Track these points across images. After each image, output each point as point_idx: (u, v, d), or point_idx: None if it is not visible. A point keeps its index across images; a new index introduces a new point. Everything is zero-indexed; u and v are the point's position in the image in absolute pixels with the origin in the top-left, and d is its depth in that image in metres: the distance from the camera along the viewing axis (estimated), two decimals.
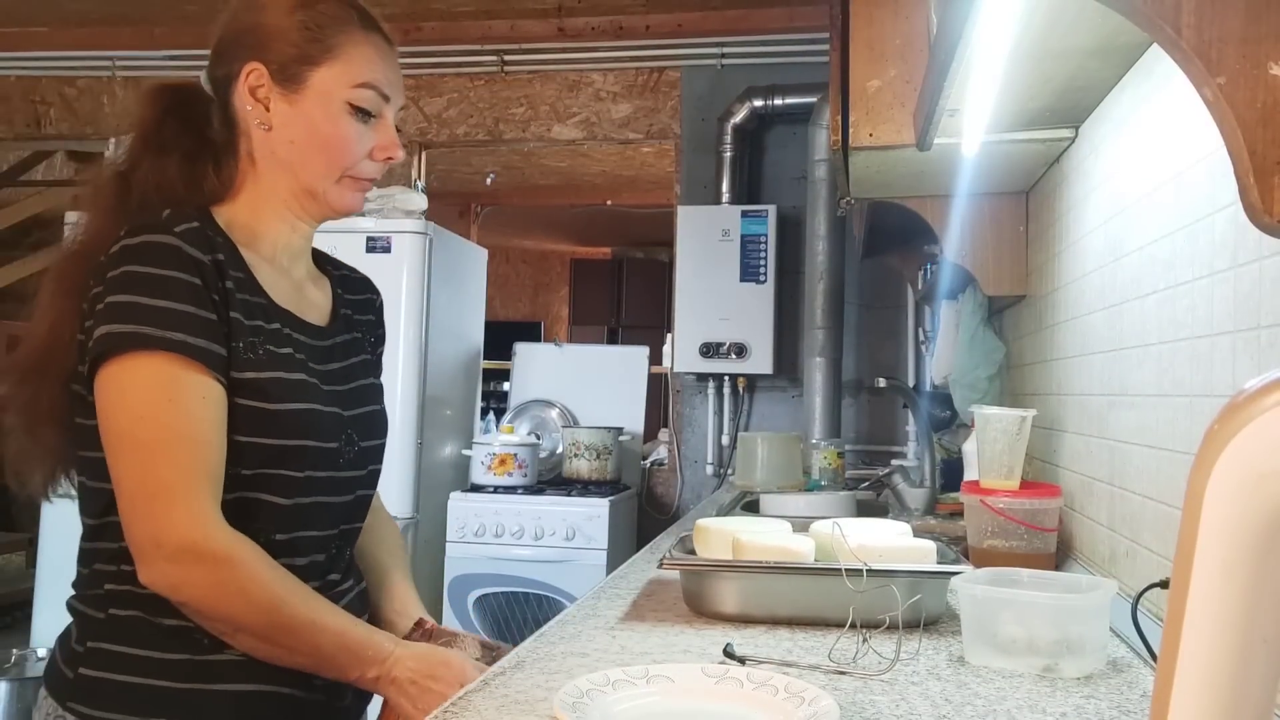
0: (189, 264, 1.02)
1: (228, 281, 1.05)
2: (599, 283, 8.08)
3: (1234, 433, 0.42)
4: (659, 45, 3.87)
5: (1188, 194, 1.14)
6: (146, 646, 1.03)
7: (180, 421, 0.99)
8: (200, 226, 1.05)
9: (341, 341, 1.21)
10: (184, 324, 1.00)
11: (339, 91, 1.12)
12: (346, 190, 1.16)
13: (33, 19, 4.08)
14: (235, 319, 1.05)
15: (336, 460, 1.13)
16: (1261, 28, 0.69)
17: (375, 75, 1.14)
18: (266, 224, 1.16)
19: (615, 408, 3.99)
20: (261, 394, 1.05)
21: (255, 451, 1.05)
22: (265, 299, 1.11)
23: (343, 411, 1.15)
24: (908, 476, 2.48)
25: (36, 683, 3.55)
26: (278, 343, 1.09)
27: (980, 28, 1.05)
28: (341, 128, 1.13)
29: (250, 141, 1.14)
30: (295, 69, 1.12)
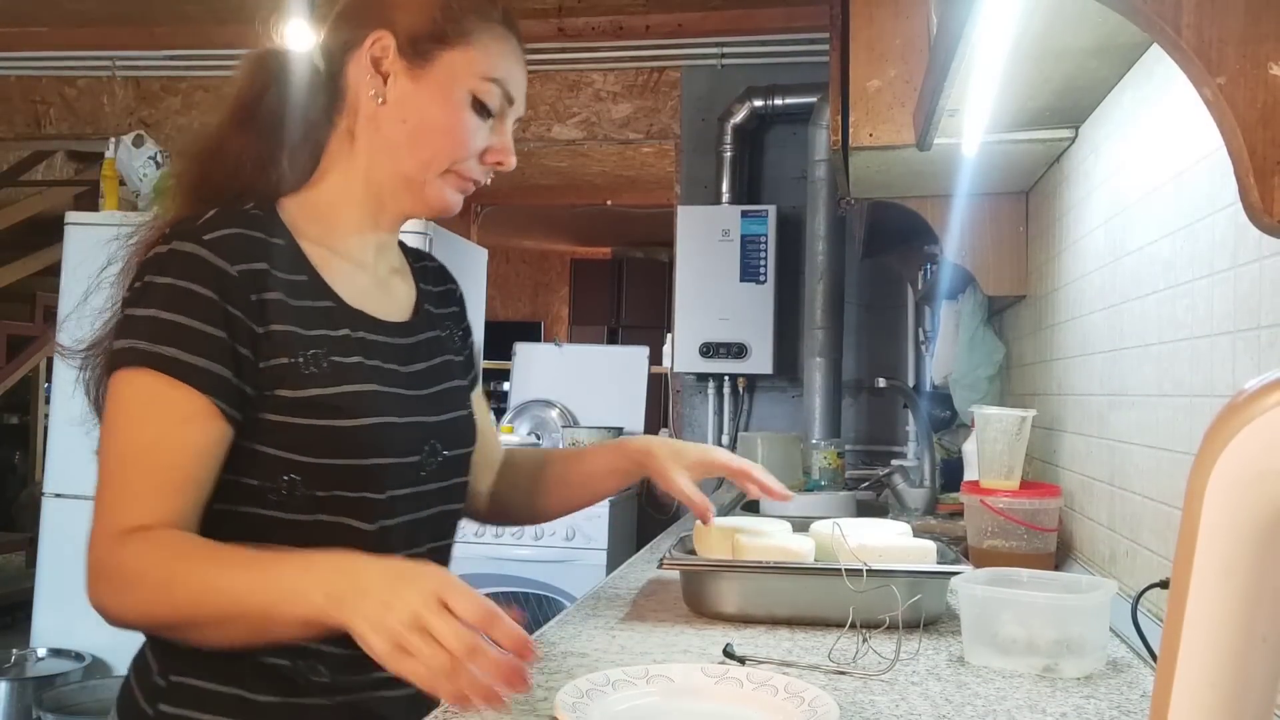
0: (208, 276, 0.93)
1: (271, 292, 0.96)
2: (599, 283, 8.08)
3: (1234, 433, 0.42)
4: (659, 45, 3.87)
5: (1188, 194, 1.14)
6: (237, 685, 0.96)
7: (143, 438, 0.91)
8: (240, 233, 0.97)
9: (425, 340, 1.12)
10: (182, 340, 0.92)
11: (465, 79, 1.04)
12: (448, 186, 1.07)
13: (33, 19, 4.09)
14: (285, 332, 0.96)
15: (417, 475, 1.04)
16: (1261, 28, 0.69)
17: (505, 73, 1.07)
18: (350, 212, 1.07)
19: (615, 408, 3.99)
20: (328, 412, 0.96)
21: (327, 474, 0.97)
22: (333, 301, 1.02)
23: (426, 419, 1.06)
24: (908, 476, 2.48)
25: (36, 683, 3.55)
26: (345, 351, 1.00)
27: (980, 28, 1.06)
28: (459, 117, 1.04)
29: (356, 118, 1.05)
30: (426, 45, 1.04)
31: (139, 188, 3.69)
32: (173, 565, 0.88)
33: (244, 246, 0.97)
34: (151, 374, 0.91)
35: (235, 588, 0.86)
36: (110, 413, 0.93)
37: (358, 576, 0.84)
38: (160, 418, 0.91)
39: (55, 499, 3.48)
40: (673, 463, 1.23)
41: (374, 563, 0.86)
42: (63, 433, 3.53)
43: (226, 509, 0.96)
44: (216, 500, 0.95)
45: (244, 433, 0.95)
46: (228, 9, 3.73)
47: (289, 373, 0.96)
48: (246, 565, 0.88)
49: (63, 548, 3.43)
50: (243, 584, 0.86)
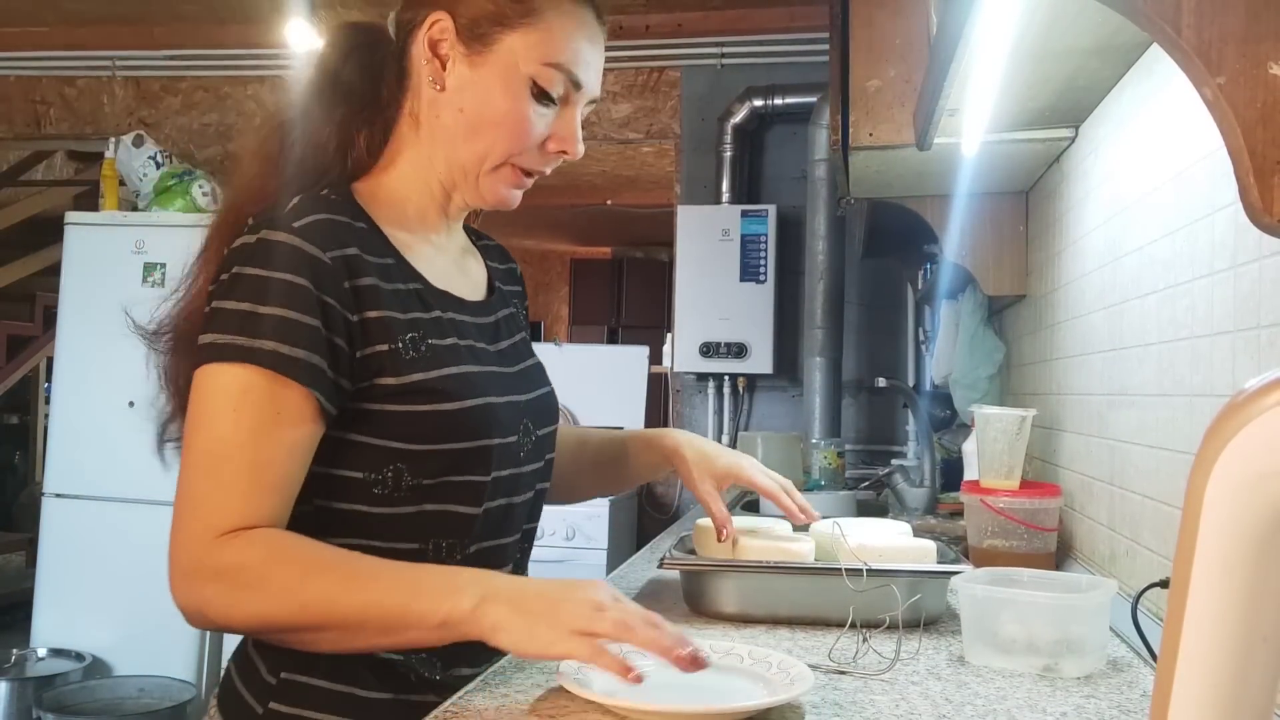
0: (302, 264, 0.90)
1: (367, 277, 0.93)
2: (599, 283, 8.08)
3: (1234, 433, 0.42)
4: (659, 45, 3.87)
5: (1188, 194, 1.14)
6: (347, 682, 0.94)
7: (237, 434, 0.87)
8: (328, 218, 0.93)
9: (504, 317, 1.10)
10: (279, 332, 0.88)
11: (526, 65, 0.98)
12: (503, 181, 1.03)
13: (33, 19, 4.09)
14: (386, 318, 0.94)
15: (517, 455, 1.03)
16: (1261, 28, 0.69)
17: (570, 56, 1.00)
18: (418, 200, 1.04)
19: (615, 407, 3.99)
20: (431, 396, 0.94)
21: (434, 460, 0.95)
22: (421, 283, 1.00)
23: (519, 398, 1.05)
24: (908, 476, 2.48)
25: (36, 683, 3.55)
26: (440, 333, 0.98)
27: (980, 28, 1.05)
28: (519, 106, 0.99)
29: (419, 101, 1.02)
30: (486, 28, 0.98)
31: (139, 188, 3.69)
32: (299, 568, 0.86)
33: (334, 232, 0.93)
34: (248, 368, 0.88)
35: (370, 592, 0.85)
36: (200, 408, 0.89)
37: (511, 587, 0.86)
38: (256, 413, 0.88)
39: (55, 499, 3.48)
40: (700, 470, 1.25)
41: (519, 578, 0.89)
42: (63, 433, 3.53)
43: (324, 505, 0.94)
44: (316, 497, 0.94)
45: (342, 424, 0.93)
46: (228, 9, 3.73)
47: (389, 359, 0.93)
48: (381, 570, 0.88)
49: (63, 548, 3.43)
50: (378, 588, 0.86)
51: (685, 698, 0.88)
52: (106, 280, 3.49)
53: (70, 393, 3.54)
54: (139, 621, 3.28)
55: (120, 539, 3.36)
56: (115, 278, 3.47)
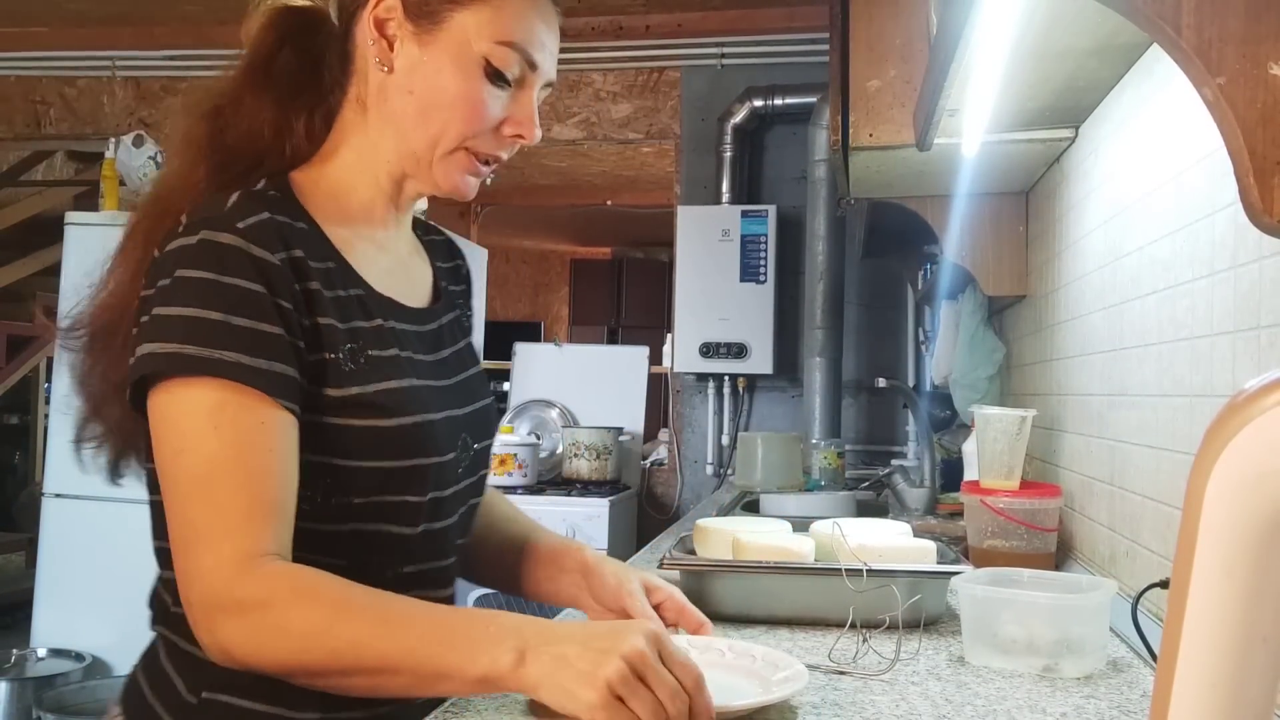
0: (251, 268, 0.84)
1: (311, 281, 0.89)
2: (599, 283, 8.08)
3: (1234, 433, 0.42)
4: (659, 45, 3.87)
5: (1187, 194, 1.14)
6: (276, 702, 0.88)
7: (225, 451, 0.81)
8: (271, 217, 0.88)
9: (447, 323, 1.04)
10: (239, 341, 0.83)
11: (479, 43, 0.93)
12: (456, 167, 0.96)
13: (33, 19, 4.09)
14: (327, 325, 0.89)
15: (456, 472, 0.97)
16: (1261, 28, 0.69)
17: (525, 35, 0.95)
18: (365, 191, 0.98)
19: (615, 408, 3.99)
20: (367, 411, 0.89)
21: (366, 478, 0.89)
22: (363, 289, 0.94)
23: (458, 412, 0.99)
24: (908, 476, 2.48)
25: (36, 683, 3.54)
26: (381, 344, 0.93)
27: (980, 28, 1.06)
28: (472, 87, 0.93)
29: (365, 85, 0.96)
30: (436, 5, 0.93)
31: (139, 188, 3.69)
32: (328, 610, 0.80)
33: (278, 232, 0.88)
34: (213, 382, 0.82)
35: (407, 639, 0.79)
36: (175, 430, 0.83)
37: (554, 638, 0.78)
38: (234, 425, 0.82)
39: (55, 499, 3.48)
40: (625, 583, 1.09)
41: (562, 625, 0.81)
42: (63, 433, 3.52)
43: None
44: None
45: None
46: (228, 9, 3.72)
47: (330, 369, 0.88)
48: (419, 615, 0.81)
49: (63, 548, 3.43)
50: (414, 635, 0.79)
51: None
52: None
53: (70, 393, 3.53)
54: (139, 621, 3.25)
55: (120, 539, 3.35)
56: None
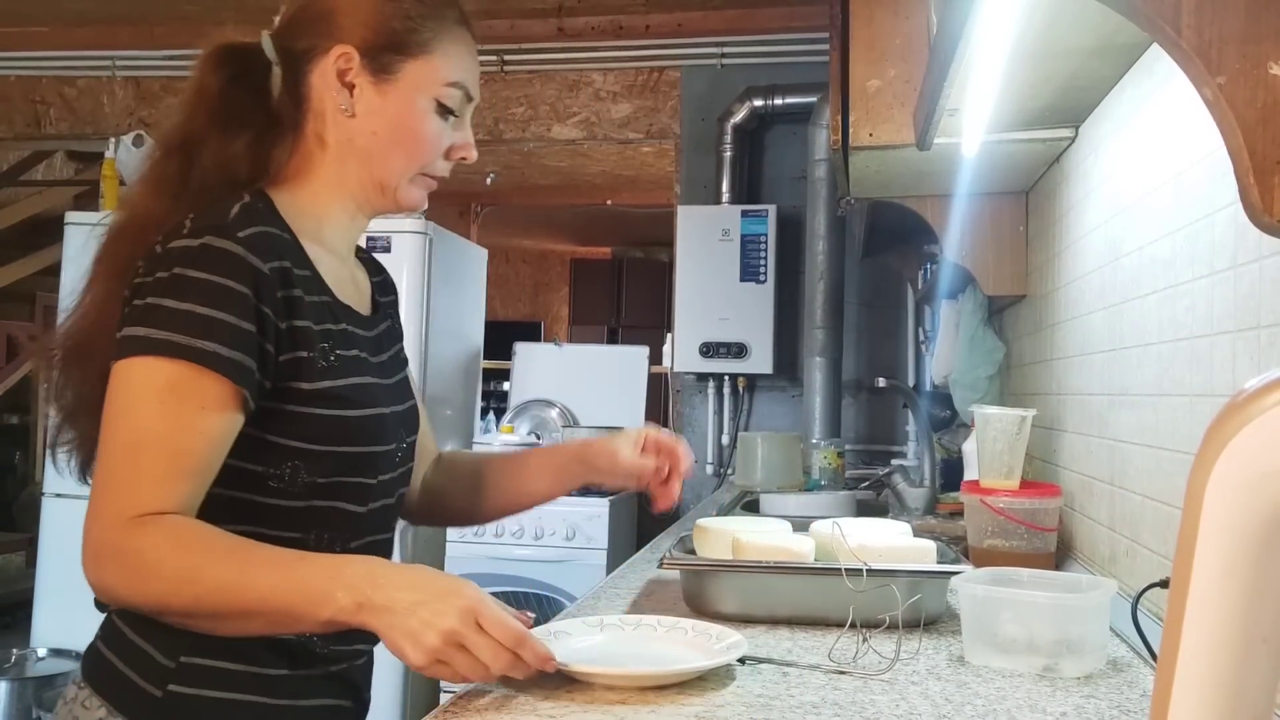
0: (246, 274, 0.95)
1: (295, 288, 1.00)
2: (599, 283, 8.08)
3: (1234, 433, 0.42)
4: (659, 45, 3.87)
5: (1188, 194, 1.14)
6: (249, 660, 0.99)
7: (160, 424, 0.92)
8: (265, 230, 0.99)
9: (384, 330, 1.18)
10: (222, 334, 0.93)
11: (430, 88, 1.09)
12: (416, 188, 1.13)
13: (33, 19, 4.08)
14: (305, 327, 1.00)
15: (394, 461, 1.11)
16: (1261, 28, 0.69)
17: (465, 74, 1.12)
18: (331, 213, 1.10)
19: (615, 408, 3.99)
20: (337, 403, 1.01)
21: (331, 461, 1.02)
22: (330, 296, 1.06)
23: (398, 408, 1.13)
24: (908, 476, 2.48)
25: (37, 683, 3.54)
26: (346, 344, 1.05)
27: (980, 27, 1.06)
28: (427, 125, 1.10)
29: (323, 124, 1.08)
30: (389, 58, 1.07)
31: None
32: (196, 558, 0.90)
33: (271, 244, 0.99)
34: (182, 364, 0.92)
35: (260, 586, 0.90)
36: (122, 397, 0.93)
37: (390, 589, 0.90)
38: (179, 403, 0.92)
39: (55, 499, 3.47)
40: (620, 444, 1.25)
41: (403, 573, 0.92)
42: None
43: (219, 493, 0.98)
44: (215, 484, 0.97)
45: (256, 422, 0.98)
46: (227, 9, 3.72)
47: (306, 366, 1.00)
48: (273, 564, 0.92)
49: (63, 548, 3.42)
50: (268, 583, 0.91)
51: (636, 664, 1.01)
52: None
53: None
54: None
55: None
56: None
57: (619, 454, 1.24)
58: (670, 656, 1.04)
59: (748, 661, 1.05)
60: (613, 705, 0.92)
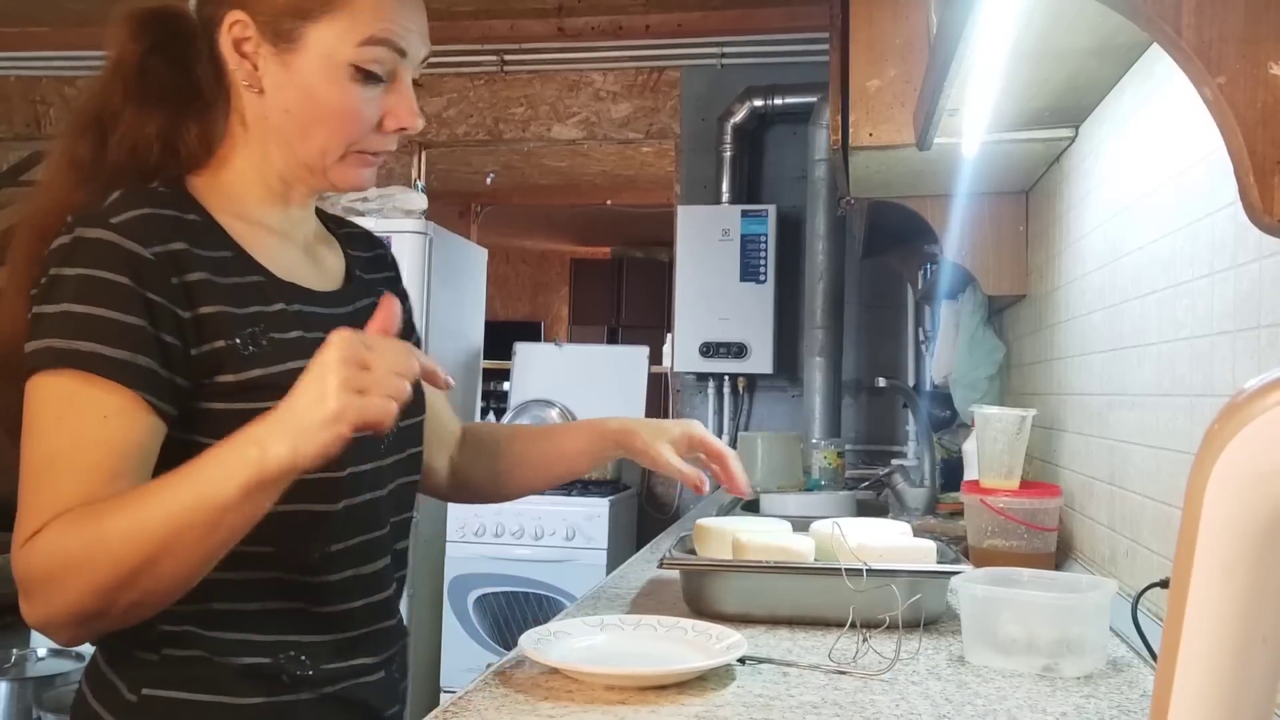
0: (120, 262, 0.85)
1: (195, 272, 0.89)
2: (599, 283, 8.08)
3: (1234, 433, 0.42)
4: (659, 45, 3.87)
5: (1188, 194, 1.14)
6: (213, 691, 0.89)
7: (61, 442, 0.83)
8: (150, 213, 0.88)
9: (363, 307, 1.04)
10: (100, 333, 0.84)
11: (342, 51, 0.92)
12: (351, 167, 0.98)
13: (33, 19, 4.09)
14: (216, 313, 0.89)
15: (378, 448, 0.99)
16: (1261, 28, 0.69)
17: (387, 26, 0.94)
18: (259, 193, 0.99)
19: (615, 407, 3.99)
20: (273, 392, 0.85)
21: None
22: (263, 275, 0.95)
23: None
24: (908, 476, 2.48)
25: (36, 683, 3.54)
26: (282, 327, 0.93)
27: (980, 28, 1.05)
28: (347, 96, 0.94)
29: (240, 101, 0.96)
30: (289, 23, 0.92)
31: None
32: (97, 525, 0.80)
33: (158, 227, 0.88)
34: (69, 374, 0.83)
35: (168, 503, 0.80)
36: (29, 421, 0.84)
37: (280, 411, 0.79)
38: (78, 417, 0.83)
39: None
40: (656, 440, 1.16)
41: (286, 405, 0.80)
42: None
43: None
44: None
45: (182, 425, 0.88)
46: None
47: (227, 356, 0.89)
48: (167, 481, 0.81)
49: None
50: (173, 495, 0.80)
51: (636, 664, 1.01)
52: None
53: None
54: None
55: None
56: None
57: (659, 459, 1.14)
58: (670, 656, 1.04)
59: (748, 661, 1.05)
60: (613, 705, 0.92)
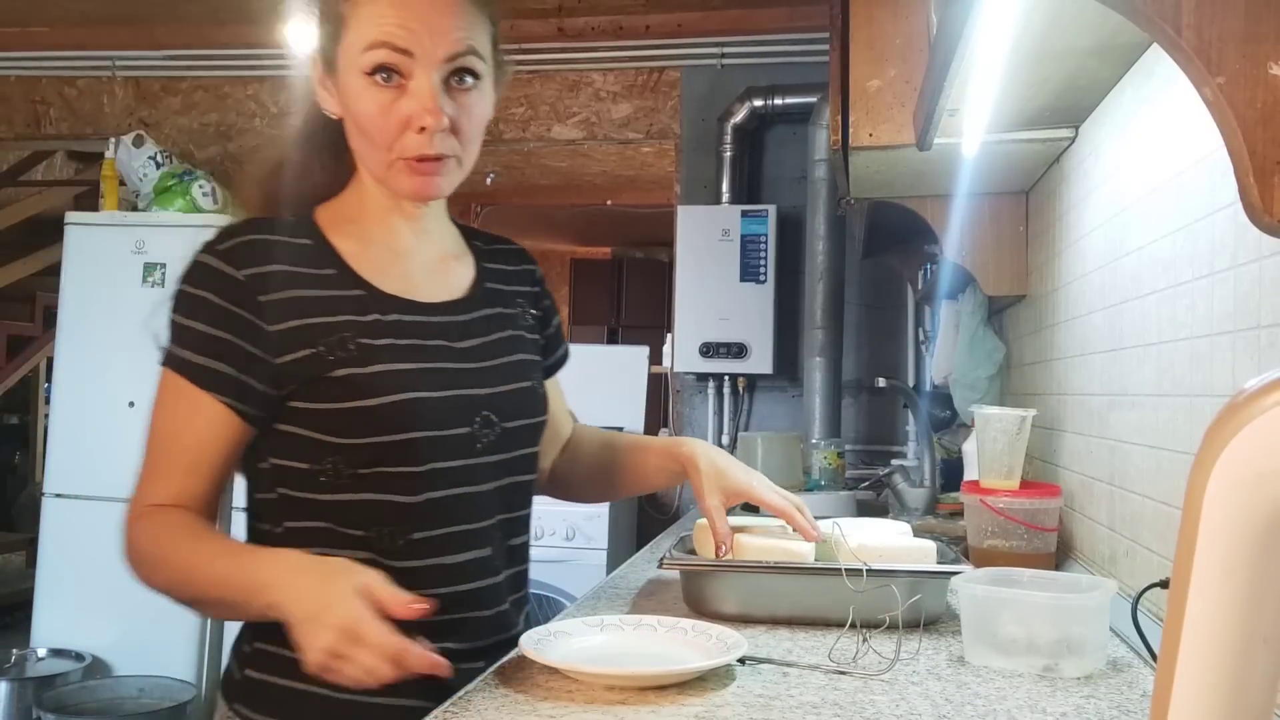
0: (216, 282, 1.02)
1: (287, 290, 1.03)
2: (599, 283, 8.07)
3: (1234, 433, 0.42)
4: (659, 45, 3.87)
5: (1188, 194, 1.14)
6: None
7: (164, 428, 1.04)
8: (253, 239, 1.05)
9: (484, 316, 1.15)
10: (193, 342, 1.02)
11: (355, 61, 1.01)
12: (404, 175, 1.04)
13: (33, 19, 4.08)
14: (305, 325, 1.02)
15: (471, 446, 1.07)
16: (1261, 28, 0.69)
17: (385, 27, 0.99)
18: (369, 211, 1.11)
19: (615, 408, 3.99)
20: (353, 392, 1.02)
21: (364, 452, 1.02)
22: (363, 289, 1.07)
23: (477, 392, 1.09)
24: (908, 476, 2.48)
25: (37, 683, 3.55)
26: (373, 334, 1.05)
27: (980, 28, 1.05)
28: (366, 103, 1.02)
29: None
30: (331, 51, 1.05)
31: (139, 188, 3.69)
32: (163, 548, 1.00)
33: (256, 251, 1.04)
34: (170, 372, 1.03)
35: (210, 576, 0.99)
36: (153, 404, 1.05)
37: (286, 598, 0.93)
38: (173, 411, 1.03)
39: (55, 499, 3.48)
40: (711, 484, 1.27)
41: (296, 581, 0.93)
42: (63, 433, 3.53)
43: (285, 494, 1.05)
44: (279, 486, 1.05)
45: (283, 419, 1.04)
46: (228, 9, 3.73)
47: (314, 362, 1.02)
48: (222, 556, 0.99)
49: (63, 548, 3.43)
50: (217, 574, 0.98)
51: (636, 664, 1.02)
52: (106, 280, 3.49)
53: (70, 393, 3.53)
54: (139, 621, 3.27)
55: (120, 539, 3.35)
56: (115, 278, 3.46)
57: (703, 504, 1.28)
58: (670, 656, 1.04)
59: (748, 661, 1.05)
60: (613, 705, 0.92)
